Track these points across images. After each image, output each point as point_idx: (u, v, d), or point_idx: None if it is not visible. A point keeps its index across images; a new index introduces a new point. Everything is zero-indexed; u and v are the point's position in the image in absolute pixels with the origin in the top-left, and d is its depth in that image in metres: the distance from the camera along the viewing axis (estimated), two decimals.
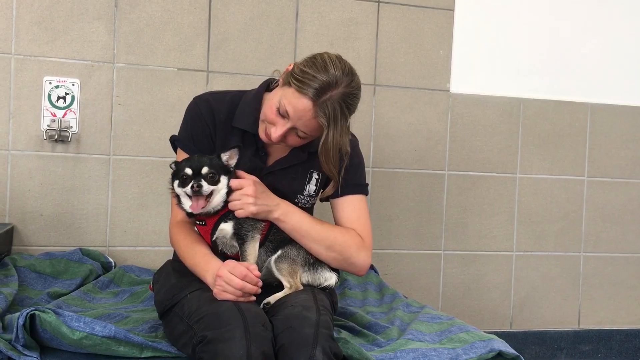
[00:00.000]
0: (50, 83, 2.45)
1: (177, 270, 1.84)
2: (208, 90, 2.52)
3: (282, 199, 1.79)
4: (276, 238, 1.80)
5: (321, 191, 1.94)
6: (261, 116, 1.80)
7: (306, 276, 1.82)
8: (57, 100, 2.45)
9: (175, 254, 1.92)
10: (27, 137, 2.44)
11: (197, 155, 1.75)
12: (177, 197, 1.75)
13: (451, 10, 2.86)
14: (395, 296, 2.34)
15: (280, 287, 1.76)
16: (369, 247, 1.88)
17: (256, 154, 1.86)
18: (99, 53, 2.50)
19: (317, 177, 1.90)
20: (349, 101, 1.70)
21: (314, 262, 1.83)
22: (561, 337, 3.02)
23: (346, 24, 2.74)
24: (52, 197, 2.47)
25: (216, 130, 1.85)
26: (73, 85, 2.47)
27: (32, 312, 1.58)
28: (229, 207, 1.72)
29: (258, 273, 1.65)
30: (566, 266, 3.04)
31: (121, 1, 2.52)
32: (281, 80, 1.76)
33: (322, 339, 1.52)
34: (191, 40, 2.58)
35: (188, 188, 1.67)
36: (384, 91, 2.80)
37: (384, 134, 2.80)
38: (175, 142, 1.90)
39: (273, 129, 1.72)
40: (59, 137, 2.44)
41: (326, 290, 1.86)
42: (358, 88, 1.73)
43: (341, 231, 1.85)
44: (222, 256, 1.77)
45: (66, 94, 2.46)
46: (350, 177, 1.89)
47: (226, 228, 1.74)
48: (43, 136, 2.43)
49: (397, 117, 2.81)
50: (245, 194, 1.71)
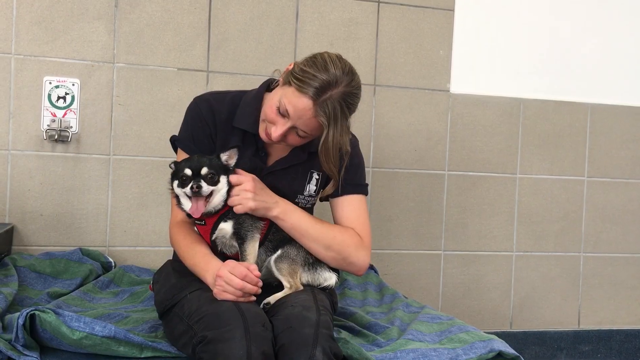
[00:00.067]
0: (50, 83, 2.45)
1: (177, 270, 1.84)
2: (208, 90, 2.52)
3: (281, 198, 1.79)
4: (276, 238, 1.80)
5: (321, 191, 1.94)
6: (261, 115, 1.80)
7: (306, 276, 1.82)
8: (57, 100, 2.45)
9: (175, 254, 1.92)
10: (27, 137, 2.44)
11: (197, 155, 1.75)
12: (177, 198, 1.75)
13: (451, 10, 2.86)
14: (395, 296, 2.34)
15: (280, 287, 1.76)
16: (368, 247, 1.88)
17: (256, 154, 1.85)
18: (99, 53, 2.50)
19: (318, 177, 1.90)
20: (349, 100, 1.70)
21: (314, 262, 1.83)
22: (561, 338, 3.02)
23: (346, 24, 2.74)
24: (52, 197, 2.47)
25: (217, 130, 1.85)
26: (73, 85, 2.47)
27: (32, 312, 1.58)
28: (228, 203, 1.72)
29: (258, 273, 1.65)
30: (566, 266, 3.04)
31: (121, 1, 2.51)
32: (281, 79, 1.76)
33: (322, 339, 1.52)
34: (191, 40, 2.58)
35: (187, 189, 1.67)
36: (384, 91, 2.80)
37: (384, 134, 2.80)
38: (175, 143, 1.90)
39: (273, 128, 1.72)
40: (59, 137, 2.44)
41: (326, 290, 1.85)
42: (358, 87, 1.73)
43: (340, 230, 1.85)
44: (222, 256, 1.77)
45: (66, 94, 2.46)
46: (350, 177, 1.89)
47: (225, 228, 1.74)
48: (43, 136, 2.43)
49: (397, 117, 2.81)
50: (244, 189, 1.71)
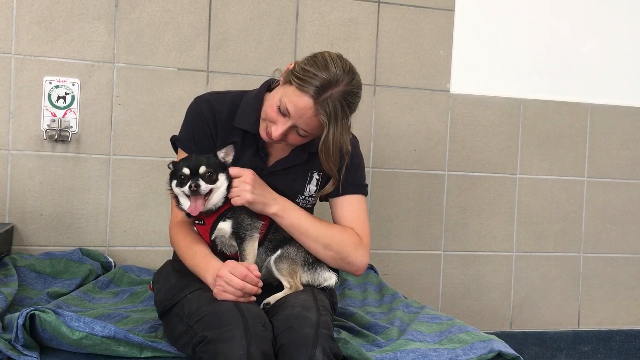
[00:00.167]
0: (50, 83, 2.44)
1: (177, 270, 1.84)
2: (208, 90, 2.52)
3: (280, 196, 1.79)
4: (275, 237, 1.80)
5: (321, 190, 1.94)
6: (262, 115, 1.80)
7: (306, 276, 1.82)
8: (57, 100, 2.45)
9: (175, 254, 1.92)
10: (27, 137, 2.44)
11: (195, 154, 1.75)
12: (176, 198, 1.75)
13: (451, 10, 2.86)
14: (395, 296, 2.34)
15: (280, 287, 1.76)
16: (367, 247, 1.88)
17: (256, 154, 1.85)
18: (99, 53, 2.50)
19: (318, 178, 1.90)
20: (350, 99, 1.70)
21: (314, 262, 1.83)
22: (561, 338, 3.02)
23: (346, 24, 2.74)
24: (52, 197, 2.46)
25: (217, 130, 1.85)
26: (73, 85, 2.47)
27: (32, 312, 1.58)
28: (229, 196, 1.72)
29: (258, 273, 1.65)
30: (566, 267, 3.04)
31: (121, 1, 2.51)
32: (282, 78, 1.76)
33: (322, 339, 1.52)
34: (191, 40, 2.58)
35: (186, 188, 1.67)
36: (384, 91, 2.80)
37: (384, 134, 2.80)
38: (176, 143, 1.90)
39: (274, 128, 1.72)
40: (59, 137, 2.44)
41: (326, 290, 1.85)
42: (359, 86, 1.73)
43: (339, 230, 1.85)
44: (221, 256, 1.77)
45: (66, 94, 2.46)
46: (350, 177, 1.89)
47: (225, 227, 1.74)
48: (43, 136, 2.43)
49: (397, 118, 2.81)
50: (243, 182, 1.72)
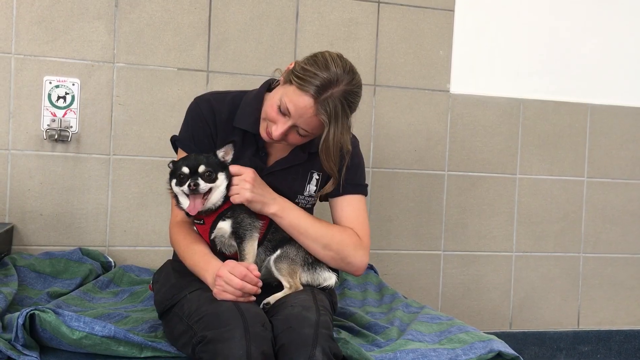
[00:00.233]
0: (50, 83, 2.45)
1: (177, 270, 1.84)
2: (208, 90, 2.52)
3: (280, 196, 1.79)
4: (275, 237, 1.80)
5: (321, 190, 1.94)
6: (262, 114, 1.80)
7: (305, 276, 1.82)
8: (57, 100, 2.45)
9: (175, 254, 1.92)
10: (27, 137, 2.44)
11: (194, 154, 1.75)
12: (176, 197, 1.75)
13: (451, 10, 2.86)
14: (394, 296, 2.34)
15: (279, 287, 1.76)
16: (367, 247, 1.88)
17: (256, 154, 1.85)
18: (99, 53, 2.50)
19: (318, 178, 1.90)
20: (350, 99, 1.70)
21: (313, 262, 1.83)
22: (561, 338, 3.02)
23: (346, 24, 2.74)
24: (52, 197, 2.46)
25: (217, 130, 1.85)
26: (73, 85, 2.47)
27: (32, 312, 1.58)
28: (229, 194, 1.72)
29: (258, 273, 1.65)
30: (566, 267, 3.04)
31: (121, 1, 2.51)
32: (282, 78, 1.76)
33: (322, 339, 1.52)
34: (191, 40, 2.58)
35: (185, 187, 1.68)
36: (384, 91, 2.80)
37: (384, 134, 2.80)
38: (176, 142, 1.90)
39: (274, 127, 1.72)
40: (59, 137, 2.44)
41: (326, 290, 1.85)
42: (359, 86, 1.73)
43: (339, 230, 1.85)
44: (221, 255, 1.77)
45: (66, 94, 2.46)
46: (350, 177, 1.89)
47: (224, 227, 1.74)
48: (43, 136, 2.43)
49: (397, 118, 2.81)
50: (243, 180, 1.72)
